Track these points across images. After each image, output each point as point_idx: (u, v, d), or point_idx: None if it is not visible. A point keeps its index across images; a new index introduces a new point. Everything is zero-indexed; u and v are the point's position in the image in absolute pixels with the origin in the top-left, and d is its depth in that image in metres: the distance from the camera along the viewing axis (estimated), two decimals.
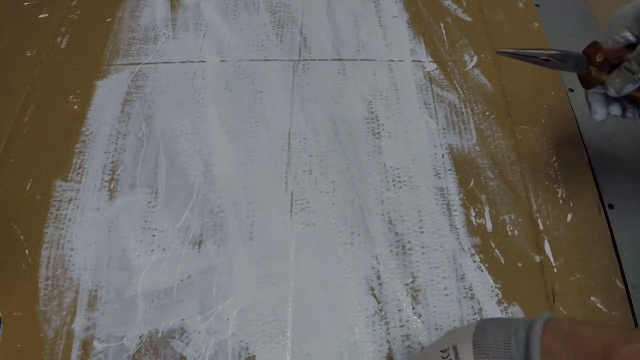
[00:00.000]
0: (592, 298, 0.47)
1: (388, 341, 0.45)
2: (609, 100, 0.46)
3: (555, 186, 0.54)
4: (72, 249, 0.50)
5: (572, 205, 0.53)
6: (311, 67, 0.64)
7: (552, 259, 0.49)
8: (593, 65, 0.45)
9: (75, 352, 0.45)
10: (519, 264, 0.49)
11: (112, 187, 0.54)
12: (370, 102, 0.61)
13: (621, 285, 0.48)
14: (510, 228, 0.51)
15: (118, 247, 0.50)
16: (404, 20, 0.69)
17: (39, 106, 0.61)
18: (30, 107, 0.61)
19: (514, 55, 0.46)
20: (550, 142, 0.57)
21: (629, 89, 0.43)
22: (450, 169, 0.55)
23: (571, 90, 0.62)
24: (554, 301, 0.47)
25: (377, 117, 0.59)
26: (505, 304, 0.47)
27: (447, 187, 0.54)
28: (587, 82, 0.46)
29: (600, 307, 0.47)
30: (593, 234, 0.51)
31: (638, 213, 0.52)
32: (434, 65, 0.64)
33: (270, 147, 0.57)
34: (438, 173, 0.55)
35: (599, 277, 0.48)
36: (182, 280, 0.48)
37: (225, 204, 0.53)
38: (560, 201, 0.53)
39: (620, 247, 0.49)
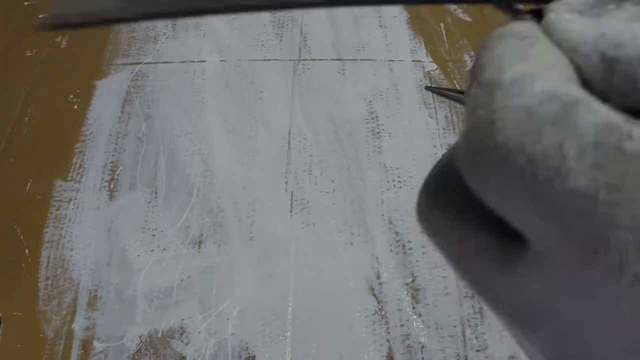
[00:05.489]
0: None
1: (388, 340, 0.45)
2: None
3: None
4: (72, 249, 0.50)
5: None
6: (311, 67, 0.64)
7: None
8: None
9: (75, 352, 0.45)
10: None
11: (112, 187, 0.54)
12: (370, 102, 0.61)
13: None
14: None
15: (118, 247, 0.50)
16: (404, 20, 0.69)
17: (39, 106, 0.61)
18: (30, 107, 0.61)
19: (439, 92, 0.61)
20: None
21: None
22: None
23: None
24: None
25: (377, 117, 0.59)
26: None
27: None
28: None
29: None
30: None
31: None
32: (434, 65, 0.64)
33: (270, 147, 0.57)
34: None
35: None
36: (182, 280, 0.48)
37: (225, 204, 0.53)
38: None
39: None
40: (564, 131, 0.09)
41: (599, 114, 0.10)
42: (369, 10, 0.70)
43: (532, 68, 0.10)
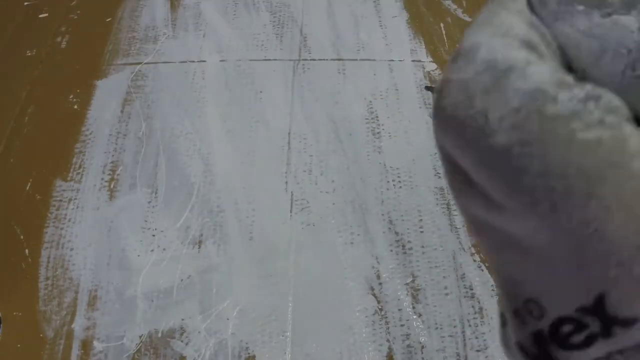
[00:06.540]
0: None
1: (388, 340, 0.45)
2: None
3: None
4: (72, 249, 0.50)
5: None
6: (311, 67, 0.64)
7: None
8: None
9: (75, 352, 0.45)
10: None
11: (112, 187, 0.54)
12: (370, 102, 0.61)
13: None
14: None
15: (118, 247, 0.50)
16: (404, 20, 0.69)
17: (39, 106, 0.61)
18: (30, 107, 0.61)
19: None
20: None
21: None
22: None
23: None
24: None
25: (377, 117, 0.59)
26: None
27: (447, 187, 0.54)
28: None
29: None
30: None
31: None
32: (434, 65, 0.64)
33: (270, 147, 0.57)
34: (438, 173, 0.55)
35: None
36: (182, 280, 0.48)
37: (225, 204, 0.53)
38: None
39: None
40: (491, 99, 0.11)
41: (532, 78, 0.11)
42: (369, 10, 0.70)
43: (487, 36, 0.12)
